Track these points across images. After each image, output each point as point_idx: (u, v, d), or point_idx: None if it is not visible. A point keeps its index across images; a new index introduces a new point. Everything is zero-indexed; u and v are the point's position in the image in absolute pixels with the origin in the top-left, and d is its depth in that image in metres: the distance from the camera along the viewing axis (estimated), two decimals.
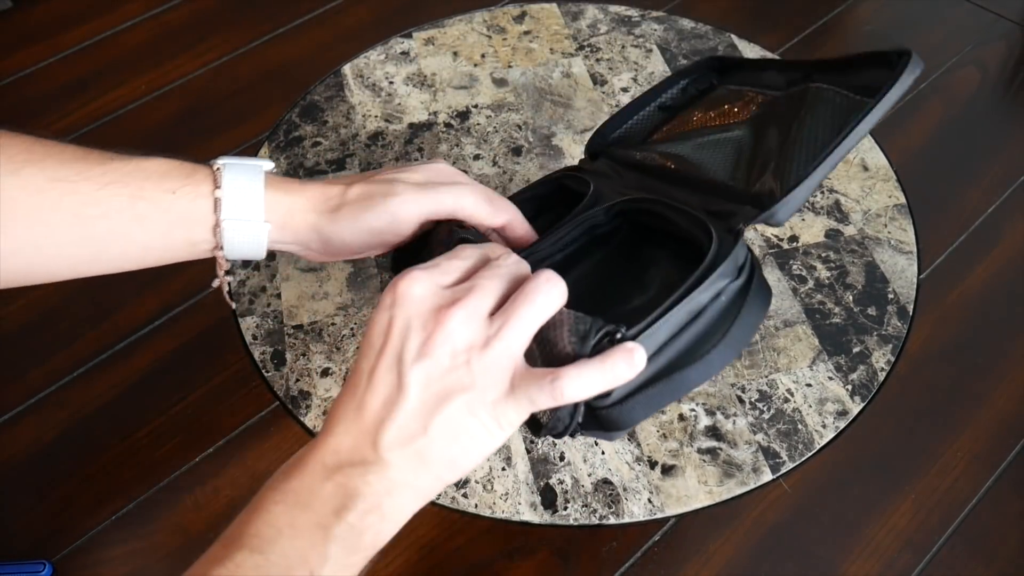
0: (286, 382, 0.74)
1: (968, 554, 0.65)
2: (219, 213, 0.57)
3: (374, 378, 0.48)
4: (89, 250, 0.56)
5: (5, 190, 0.52)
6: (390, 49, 0.99)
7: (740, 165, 0.65)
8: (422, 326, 0.48)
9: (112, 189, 0.55)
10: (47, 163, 0.54)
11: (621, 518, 0.67)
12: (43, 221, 0.54)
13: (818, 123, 0.61)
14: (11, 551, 0.65)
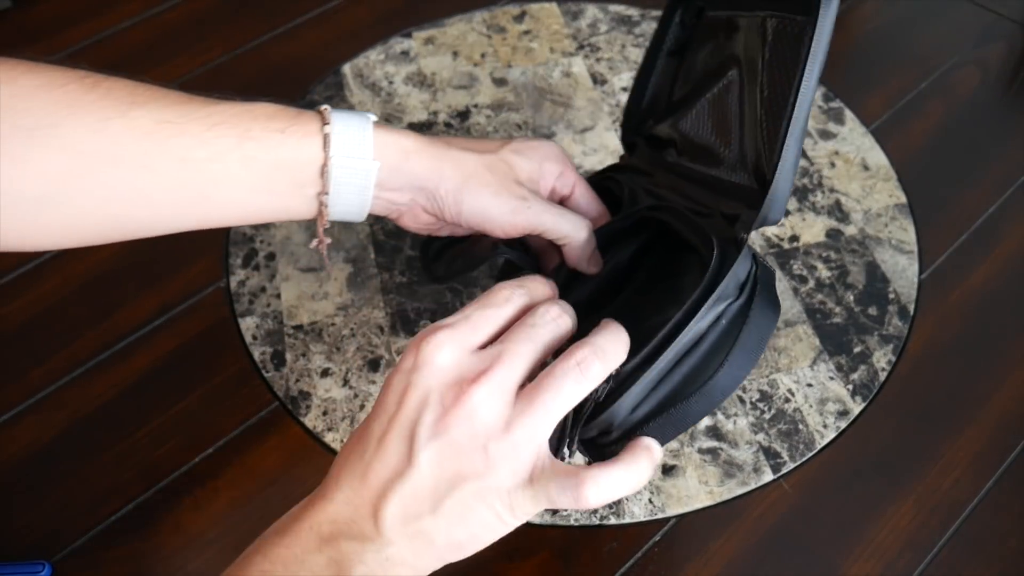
0: (286, 382, 0.74)
1: (969, 554, 0.65)
2: (328, 150, 0.55)
3: (384, 445, 0.45)
4: (192, 197, 0.54)
5: (113, 133, 0.51)
6: (390, 49, 0.99)
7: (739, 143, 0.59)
8: (440, 400, 0.45)
9: (220, 130, 0.53)
10: (153, 105, 0.52)
11: (622, 518, 0.67)
12: (149, 167, 0.52)
13: (776, 77, 0.55)
14: (11, 551, 0.65)
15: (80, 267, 0.81)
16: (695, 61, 0.68)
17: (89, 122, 0.50)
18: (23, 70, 0.50)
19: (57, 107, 0.50)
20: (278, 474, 0.69)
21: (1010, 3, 1.02)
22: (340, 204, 0.58)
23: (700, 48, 0.68)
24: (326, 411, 0.72)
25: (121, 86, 0.53)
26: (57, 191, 0.50)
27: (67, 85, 0.50)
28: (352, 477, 0.45)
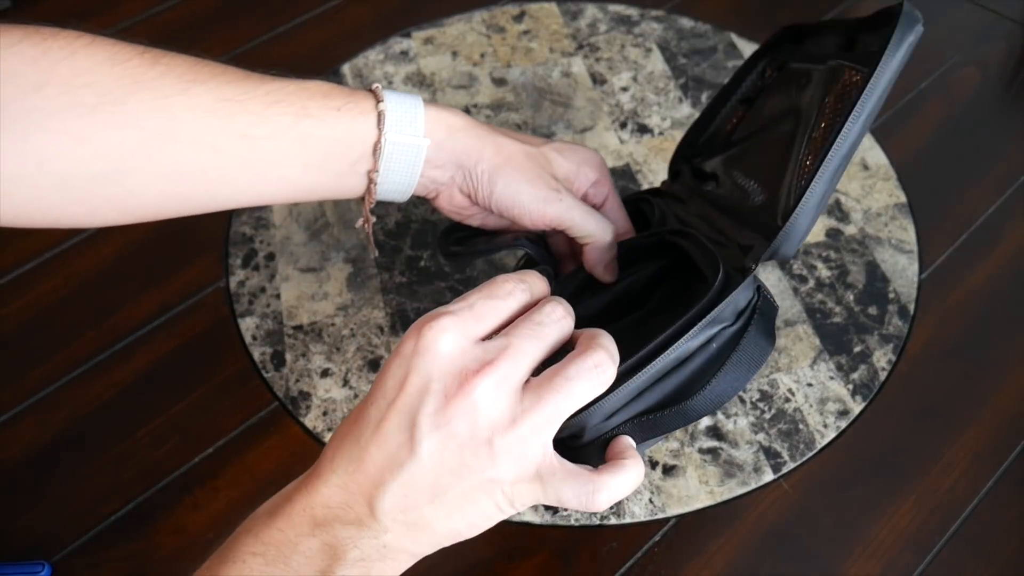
0: (286, 383, 0.74)
1: (969, 554, 0.65)
2: (382, 127, 0.57)
3: (382, 431, 0.44)
4: (250, 174, 0.55)
5: (174, 111, 0.51)
6: (389, 49, 0.99)
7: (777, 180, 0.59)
8: (443, 389, 0.43)
9: (279, 108, 0.54)
10: (213, 83, 0.53)
11: (622, 518, 0.67)
12: (210, 144, 0.53)
13: (828, 122, 0.56)
14: (10, 551, 0.65)
15: (80, 267, 0.81)
16: (762, 107, 0.68)
17: (151, 99, 0.50)
18: (83, 43, 0.50)
19: (119, 84, 0.49)
20: (278, 474, 0.69)
21: (1010, 3, 1.02)
22: (388, 182, 0.59)
23: (769, 96, 0.68)
24: (326, 411, 0.72)
25: (181, 62, 0.52)
26: (118, 168, 0.51)
27: (128, 61, 0.50)
28: (348, 461, 0.44)
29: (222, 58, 0.98)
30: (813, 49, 0.65)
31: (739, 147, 0.68)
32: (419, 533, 0.44)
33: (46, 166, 0.48)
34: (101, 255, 0.82)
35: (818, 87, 0.59)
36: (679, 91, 0.94)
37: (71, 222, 0.53)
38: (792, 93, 0.63)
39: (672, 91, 0.94)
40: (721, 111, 0.72)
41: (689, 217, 0.66)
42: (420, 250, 0.81)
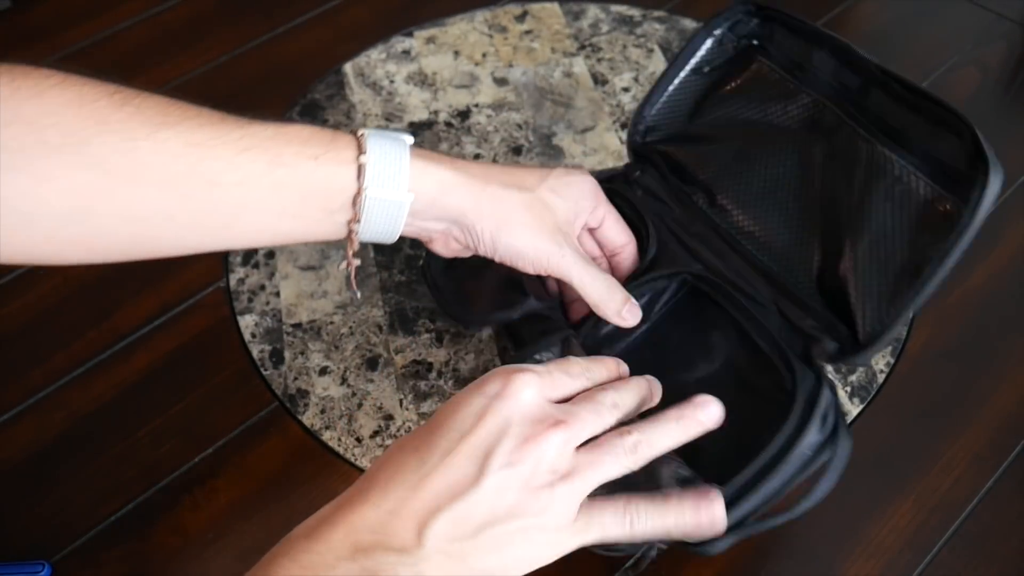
0: (284, 380, 0.74)
1: (969, 554, 0.65)
2: (362, 181, 0.55)
3: (451, 461, 0.45)
4: (220, 220, 0.54)
5: (140, 154, 0.50)
6: (391, 48, 0.99)
7: (806, 238, 0.64)
8: (520, 433, 0.46)
9: (251, 155, 0.52)
10: (183, 126, 0.51)
11: None
12: (177, 188, 0.51)
13: (893, 222, 0.60)
14: (10, 551, 0.65)
15: (80, 267, 0.81)
16: (732, 101, 0.71)
17: (116, 141, 0.49)
18: (52, 83, 0.49)
19: (85, 124, 0.49)
20: (278, 474, 0.69)
21: (1010, 3, 1.02)
22: (370, 231, 0.57)
23: (745, 91, 0.70)
24: (324, 409, 0.72)
25: (152, 104, 0.51)
26: (82, 208, 0.50)
27: (97, 101, 0.50)
28: (403, 487, 0.45)
29: (221, 59, 0.99)
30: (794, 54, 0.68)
31: (713, 145, 0.70)
32: (457, 565, 0.45)
33: (10, 204, 0.48)
34: None
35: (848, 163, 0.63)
36: None
37: (40, 259, 0.52)
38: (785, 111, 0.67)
39: None
40: (674, 80, 0.73)
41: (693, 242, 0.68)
42: (419, 249, 0.81)
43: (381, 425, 0.71)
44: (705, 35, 0.73)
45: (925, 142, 0.61)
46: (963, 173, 0.57)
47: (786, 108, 0.69)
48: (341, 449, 0.70)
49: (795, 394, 0.57)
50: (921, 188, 0.59)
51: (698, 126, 0.73)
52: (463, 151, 0.89)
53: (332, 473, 0.69)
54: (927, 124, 0.61)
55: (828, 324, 0.61)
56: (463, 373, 0.74)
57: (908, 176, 0.60)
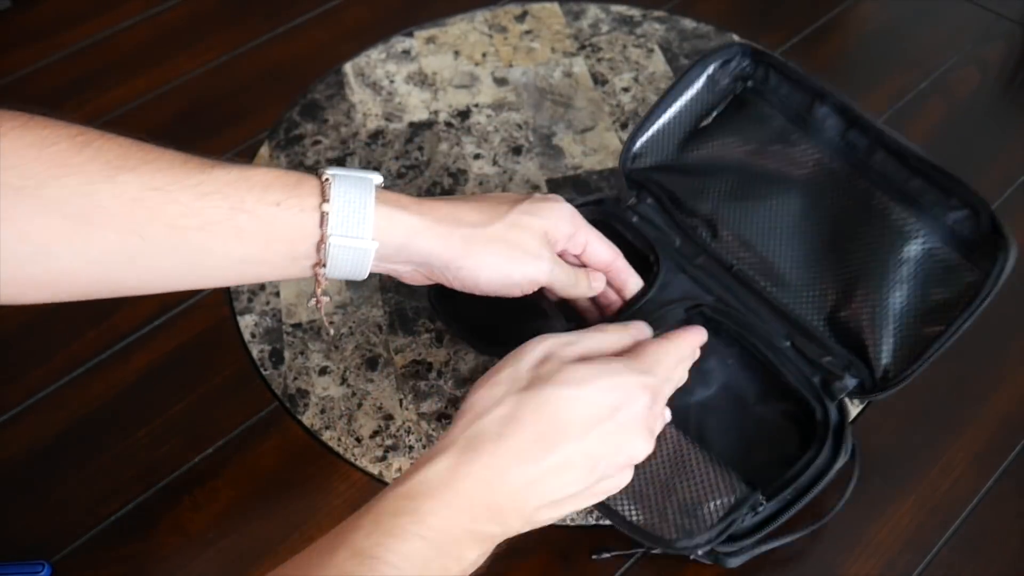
0: (284, 380, 0.74)
1: (969, 554, 0.65)
2: (325, 228, 0.55)
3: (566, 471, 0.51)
4: (183, 263, 0.54)
5: (99, 198, 0.50)
6: (391, 48, 0.99)
7: (816, 278, 0.68)
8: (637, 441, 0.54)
9: (211, 200, 0.52)
10: (143, 170, 0.51)
11: None
12: (137, 232, 0.51)
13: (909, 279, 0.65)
14: (11, 551, 0.65)
15: None
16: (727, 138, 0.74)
17: (75, 184, 0.49)
18: (15, 125, 0.49)
19: (44, 168, 0.49)
20: (278, 474, 0.69)
21: (1010, 3, 1.02)
22: (336, 274, 0.57)
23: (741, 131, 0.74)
24: (324, 409, 0.72)
25: (113, 146, 0.51)
26: (41, 251, 0.50)
27: (56, 144, 0.49)
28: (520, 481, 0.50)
29: (222, 59, 0.99)
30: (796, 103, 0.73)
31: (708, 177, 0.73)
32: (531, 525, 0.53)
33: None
34: None
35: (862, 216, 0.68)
36: None
37: (5, 299, 0.52)
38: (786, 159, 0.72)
39: None
40: (667, 111, 0.75)
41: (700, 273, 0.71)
42: None
43: (381, 425, 0.71)
44: (700, 70, 0.75)
45: (938, 209, 0.65)
46: (978, 244, 0.63)
47: (788, 153, 0.72)
48: (341, 449, 0.70)
49: (827, 424, 0.63)
50: (939, 254, 0.65)
51: (689, 158, 0.75)
52: (463, 151, 0.89)
53: (332, 473, 0.69)
54: (939, 192, 0.66)
55: (848, 363, 0.66)
56: (463, 373, 0.74)
57: (925, 240, 0.65)
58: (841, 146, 0.70)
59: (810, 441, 0.63)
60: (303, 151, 0.89)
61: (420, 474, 0.49)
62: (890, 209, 0.67)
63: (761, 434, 0.65)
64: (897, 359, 0.65)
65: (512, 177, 0.87)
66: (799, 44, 0.99)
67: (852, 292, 0.66)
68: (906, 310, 0.65)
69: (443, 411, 0.72)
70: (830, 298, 0.67)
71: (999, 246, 0.62)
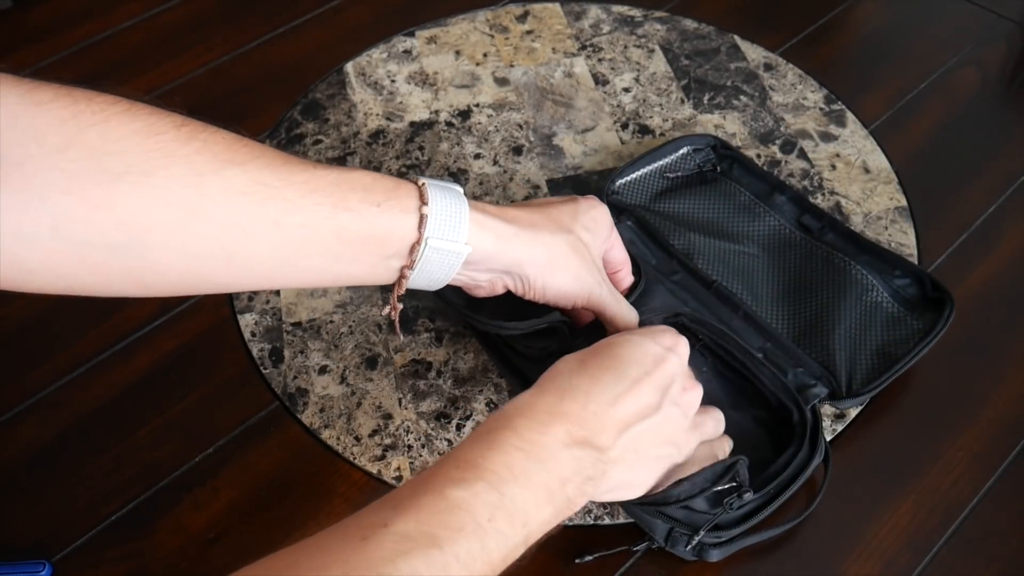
0: (284, 379, 0.74)
1: (969, 554, 0.65)
2: (423, 230, 0.56)
3: (638, 388, 0.55)
4: (280, 261, 0.54)
5: (206, 190, 0.49)
6: (392, 48, 0.99)
7: (786, 306, 0.77)
8: (682, 383, 0.59)
9: (316, 197, 0.52)
10: (251, 165, 0.51)
11: (616, 519, 0.67)
12: (241, 227, 0.51)
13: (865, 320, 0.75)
14: (11, 551, 0.65)
15: None
16: (697, 203, 0.84)
17: (182, 175, 0.49)
18: (119, 111, 0.48)
19: (151, 156, 0.48)
20: (278, 474, 0.69)
21: (1010, 3, 1.02)
22: (422, 278, 0.59)
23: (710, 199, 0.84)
24: (323, 408, 0.72)
25: (219, 139, 0.51)
26: (139, 241, 0.48)
27: (164, 134, 0.49)
28: (604, 398, 0.54)
29: (222, 59, 0.99)
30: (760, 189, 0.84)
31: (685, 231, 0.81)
32: (625, 471, 0.56)
33: (61, 230, 0.46)
34: None
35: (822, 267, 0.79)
36: (681, 92, 0.94)
37: (84, 290, 0.50)
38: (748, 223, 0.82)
39: (674, 92, 0.94)
40: (641, 170, 0.85)
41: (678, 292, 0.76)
42: None
43: (380, 424, 0.71)
44: (675, 147, 0.86)
45: (886, 276, 0.77)
46: (922, 303, 0.75)
47: (754, 221, 0.83)
48: (340, 448, 0.70)
49: (804, 424, 0.67)
50: (890, 307, 0.75)
51: (663, 208, 0.83)
52: (463, 151, 0.89)
53: (332, 473, 0.69)
54: (885, 264, 0.77)
55: (818, 373, 0.71)
56: (462, 372, 0.74)
57: (878, 294, 0.76)
58: (799, 225, 0.81)
59: (782, 446, 0.67)
60: (304, 150, 0.89)
61: (508, 405, 0.53)
62: (849, 265, 0.77)
63: (738, 438, 0.67)
64: (861, 377, 0.72)
65: (512, 177, 0.87)
66: (799, 44, 0.99)
67: (818, 321, 0.75)
68: (866, 341, 0.74)
69: (442, 410, 0.72)
70: (800, 322, 0.75)
71: (943, 301, 0.74)
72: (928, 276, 0.75)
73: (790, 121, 0.91)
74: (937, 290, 0.75)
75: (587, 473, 0.52)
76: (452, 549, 0.44)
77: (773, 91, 0.94)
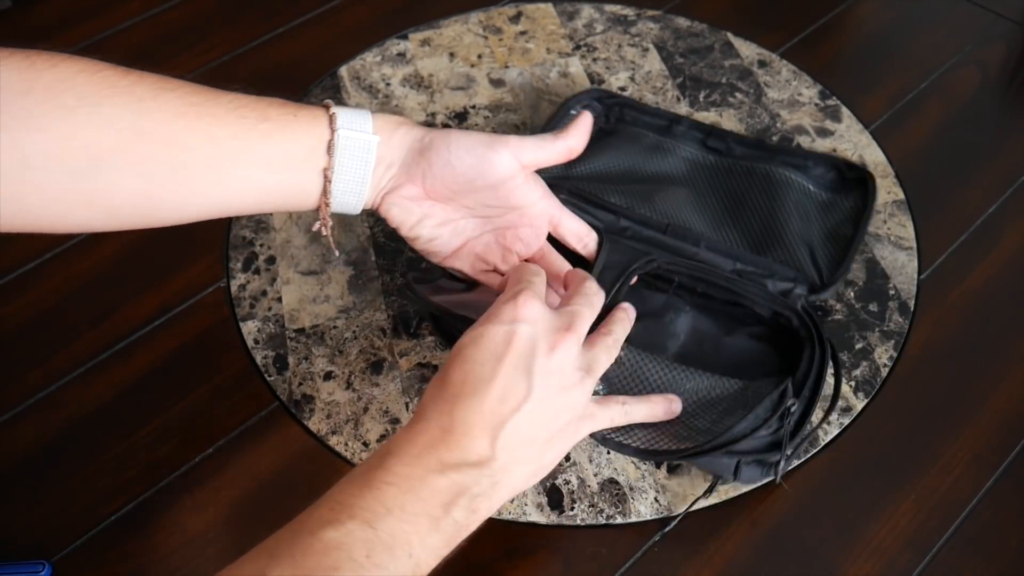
0: (289, 386, 0.74)
1: (969, 554, 0.65)
2: (335, 125, 0.62)
3: (496, 382, 0.53)
4: (218, 172, 0.59)
5: (148, 113, 0.56)
6: (386, 51, 0.99)
7: (731, 228, 0.79)
8: (546, 344, 0.56)
9: (241, 112, 0.59)
10: (182, 91, 0.58)
11: (628, 517, 0.67)
12: (180, 143, 0.57)
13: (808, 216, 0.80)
14: (11, 551, 0.65)
15: (80, 267, 0.81)
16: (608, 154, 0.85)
17: (125, 102, 0.55)
18: (63, 57, 0.54)
19: (97, 88, 0.54)
20: (278, 474, 0.69)
21: (1010, 3, 1.03)
22: (343, 180, 0.63)
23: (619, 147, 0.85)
24: (330, 414, 0.72)
25: (150, 75, 0.58)
26: (94, 165, 0.55)
27: (104, 71, 0.55)
28: (468, 410, 0.52)
29: (222, 59, 0.99)
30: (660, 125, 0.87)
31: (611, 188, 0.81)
32: (523, 467, 0.54)
33: (30, 162, 0.52)
34: (101, 255, 0.82)
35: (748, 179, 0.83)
36: (677, 90, 0.94)
37: (43, 223, 0.56)
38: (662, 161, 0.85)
39: (670, 90, 0.94)
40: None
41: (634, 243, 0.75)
42: None
43: (388, 429, 0.71)
44: (563, 114, 0.86)
45: (807, 167, 0.82)
46: (843, 185, 0.81)
47: (667, 159, 0.85)
48: (348, 454, 0.70)
49: (806, 324, 0.68)
50: (819, 196, 0.81)
51: (582, 174, 0.83)
52: None
53: (332, 473, 0.69)
54: (800, 159, 0.82)
55: (792, 276, 0.74)
56: None
57: (804, 187, 0.81)
58: (707, 148, 0.85)
59: (786, 354, 0.70)
60: None
61: (382, 444, 0.54)
62: (769, 171, 0.82)
63: (743, 360, 0.71)
64: (827, 265, 0.76)
65: None
66: (798, 44, 0.99)
67: (767, 230, 0.78)
68: (813, 232, 0.78)
69: None
70: (751, 236, 0.78)
71: (863, 178, 0.80)
72: (839, 159, 0.82)
73: (786, 117, 0.92)
74: (852, 169, 0.81)
75: (472, 492, 0.51)
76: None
77: (768, 88, 0.94)
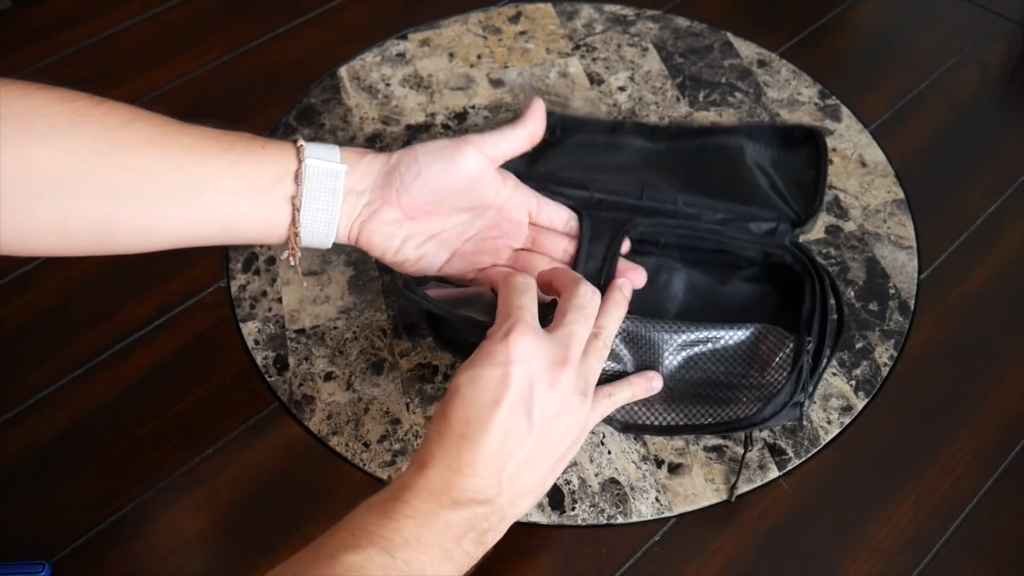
0: (289, 387, 0.74)
1: (969, 554, 0.65)
2: (302, 156, 0.63)
3: (496, 426, 0.53)
4: (183, 200, 0.60)
5: (118, 139, 0.58)
6: (386, 51, 0.99)
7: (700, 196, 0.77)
8: (545, 381, 0.55)
9: (209, 143, 0.61)
10: (153, 121, 0.60)
11: (629, 517, 0.67)
12: (147, 171, 0.59)
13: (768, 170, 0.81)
14: (11, 551, 0.65)
15: (80, 267, 0.81)
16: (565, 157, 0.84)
17: (96, 129, 0.57)
18: (37, 87, 0.56)
19: (70, 115, 0.56)
20: (278, 474, 0.69)
21: (1010, 3, 1.03)
22: (312, 211, 0.64)
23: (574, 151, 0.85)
24: (330, 415, 0.72)
25: (123, 105, 0.60)
26: (62, 190, 0.56)
27: (78, 100, 0.57)
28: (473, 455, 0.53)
29: (222, 59, 0.99)
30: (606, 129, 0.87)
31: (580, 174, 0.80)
32: (529, 497, 0.56)
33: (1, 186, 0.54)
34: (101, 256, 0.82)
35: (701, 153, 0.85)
36: (676, 90, 0.94)
37: (6, 248, 0.57)
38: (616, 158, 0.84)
39: (669, 90, 0.94)
40: None
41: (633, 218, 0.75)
42: None
43: (388, 430, 0.71)
44: None
45: (749, 135, 0.84)
46: (793, 142, 0.84)
47: (623, 153, 0.85)
48: (349, 455, 0.70)
49: (802, 260, 0.71)
50: (773, 153, 0.84)
51: (540, 170, 0.83)
52: None
53: (332, 473, 0.69)
54: (743, 128, 0.85)
55: (773, 216, 0.76)
56: None
57: (757, 149, 0.83)
58: (657, 141, 0.85)
59: (787, 291, 0.72)
60: None
61: (397, 480, 0.54)
62: (723, 142, 0.84)
63: (745, 304, 0.73)
64: (801, 205, 0.78)
65: None
66: (798, 44, 0.99)
67: (736, 188, 0.79)
68: (778, 184, 0.80)
69: None
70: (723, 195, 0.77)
71: (812, 134, 0.83)
72: (783, 125, 0.86)
73: (786, 116, 0.92)
74: (799, 129, 0.84)
75: (481, 527, 0.53)
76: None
77: (768, 87, 0.94)
